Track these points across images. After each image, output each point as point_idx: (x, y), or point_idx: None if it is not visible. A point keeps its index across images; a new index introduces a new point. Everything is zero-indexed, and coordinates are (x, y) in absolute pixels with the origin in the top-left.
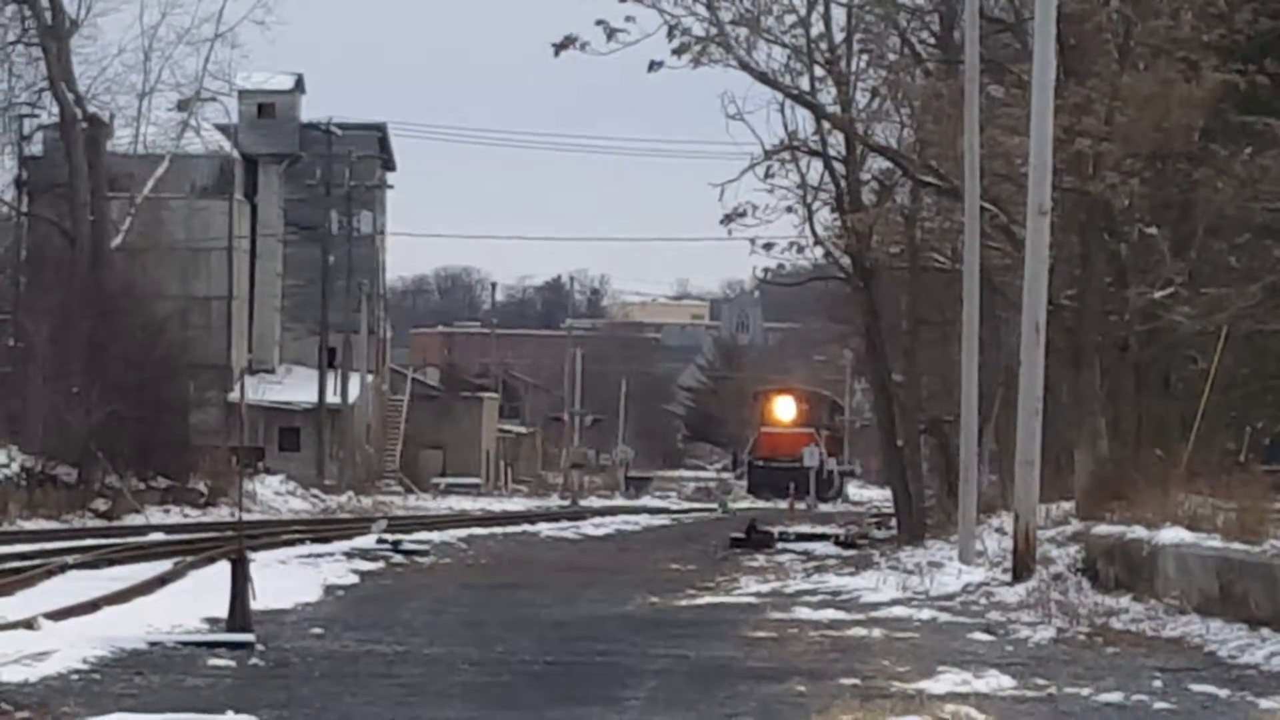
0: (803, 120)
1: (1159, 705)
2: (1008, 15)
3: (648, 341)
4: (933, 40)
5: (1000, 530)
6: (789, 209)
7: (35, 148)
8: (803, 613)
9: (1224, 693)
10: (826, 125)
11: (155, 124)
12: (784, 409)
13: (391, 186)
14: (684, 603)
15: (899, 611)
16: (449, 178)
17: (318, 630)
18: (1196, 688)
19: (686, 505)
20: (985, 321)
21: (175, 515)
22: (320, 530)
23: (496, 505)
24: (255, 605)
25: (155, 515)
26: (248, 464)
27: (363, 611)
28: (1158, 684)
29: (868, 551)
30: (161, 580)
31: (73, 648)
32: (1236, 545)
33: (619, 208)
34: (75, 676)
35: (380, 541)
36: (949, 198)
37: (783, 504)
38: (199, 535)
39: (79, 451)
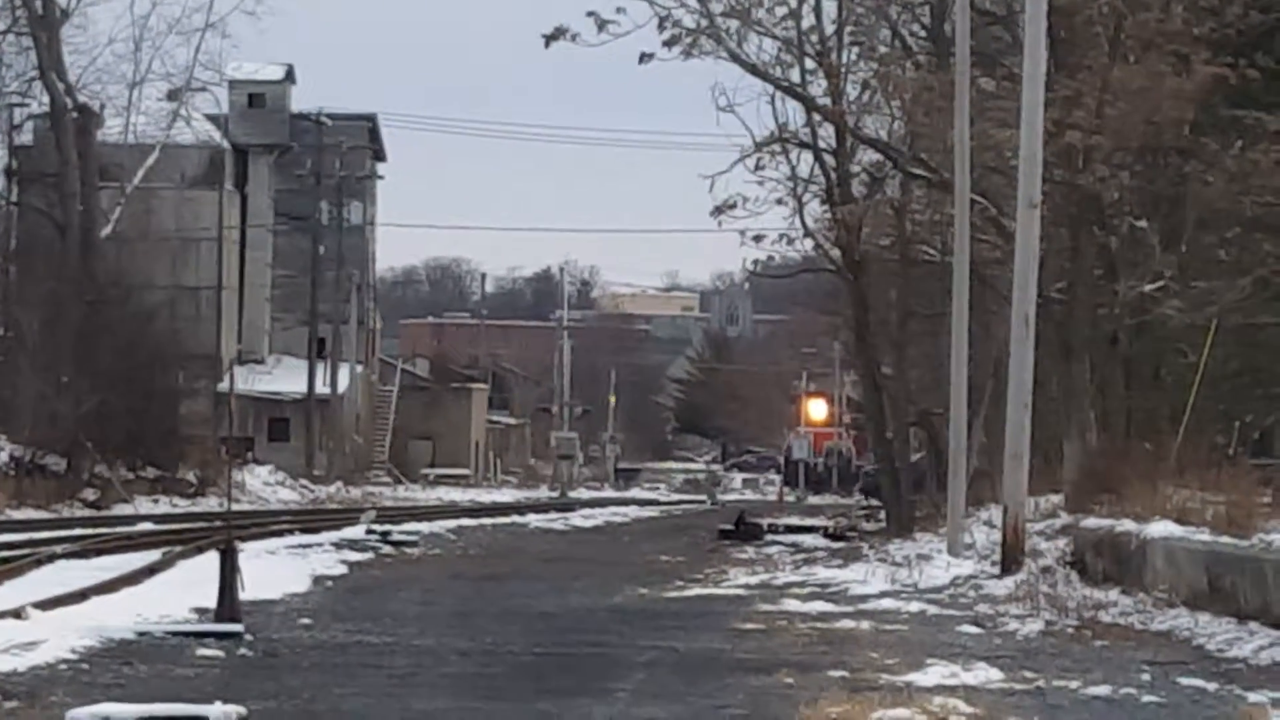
0: (793, 112)
1: (1147, 698)
2: (998, 8)
3: (637, 333)
4: (923, 33)
5: (989, 523)
6: (779, 201)
7: (25, 137)
8: (791, 605)
9: (1212, 686)
10: (817, 117)
11: (145, 114)
12: (816, 410)
13: (382, 177)
14: (673, 594)
15: (887, 604)
16: (439, 168)
17: (306, 621)
18: (1185, 681)
19: (676, 497)
20: (975, 314)
21: (164, 505)
22: (309, 521)
23: (486, 496)
24: (244, 595)
25: (144, 505)
26: (237, 454)
27: (351, 602)
28: (1146, 677)
29: (856, 544)
30: (150, 570)
31: (61, 637)
32: (1225, 539)
33: (609, 199)
34: (64, 666)
35: (369, 532)
36: (939, 190)
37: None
38: (188, 525)
39: (68, 441)
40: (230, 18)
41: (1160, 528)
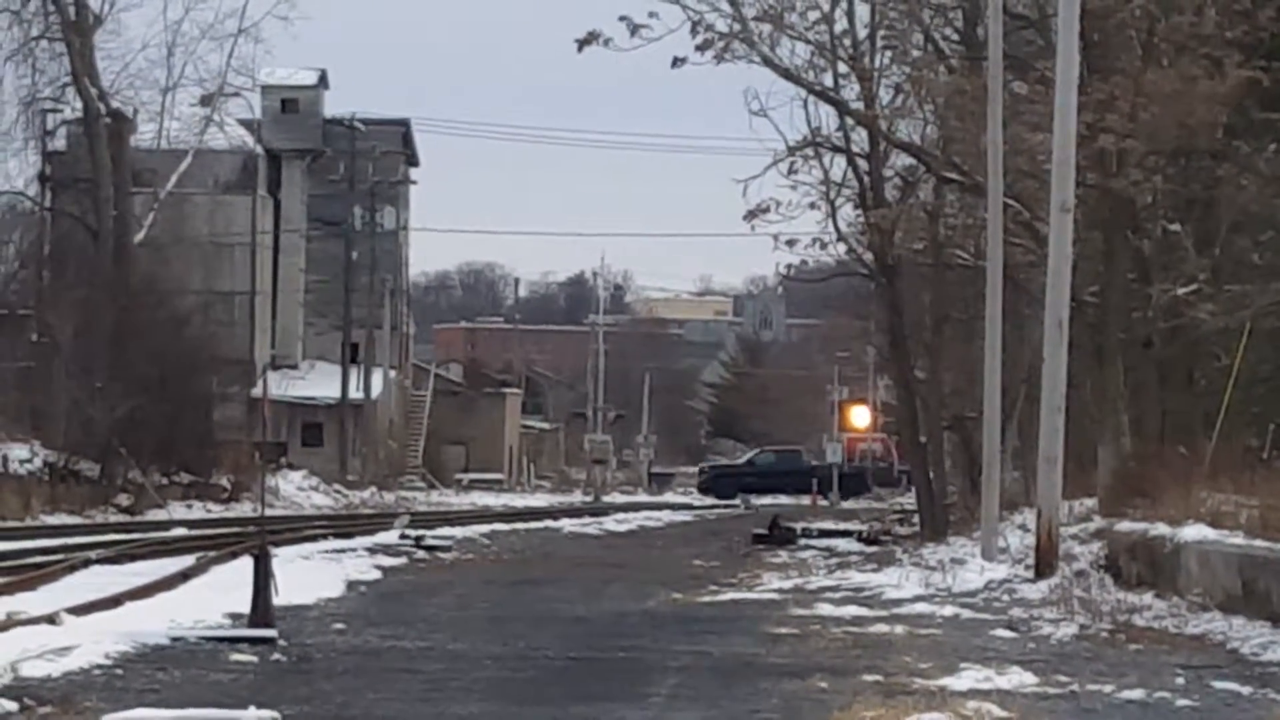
0: (826, 116)
1: (1181, 702)
2: (1031, 12)
3: (671, 337)
4: (956, 37)
5: (1023, 527)
6: (812, 205)
7: (59, 143)
8: (825, 609)
9: (1246, 690)
10: (850, 121)
11: (179, 119)
12: (859, 417)
13: (415, 182)
14: (706, 599)
15: (921, 608)
16: (472, 173)
17: (340, 626)
18: (1219, 685)
19: (709, 501)
20: (1008, 318)
21: (198, 510)
22: (343, 526)
23: (519, 501)
24: (278, 601)
25: (178, 510)
26: (270, 459)
27: (385, 607)
28: (1180, 681)
29: (890, 548)
30: (184, 575)
31: (95, 643)
32: (1259, 542)
33: (642, 203)
34: (97, 671)
35: (403, 537)
36: (972, 194)
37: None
38: (222, 530)
39: (102, 446)
40: (263, 23)
41: (1194, 531)
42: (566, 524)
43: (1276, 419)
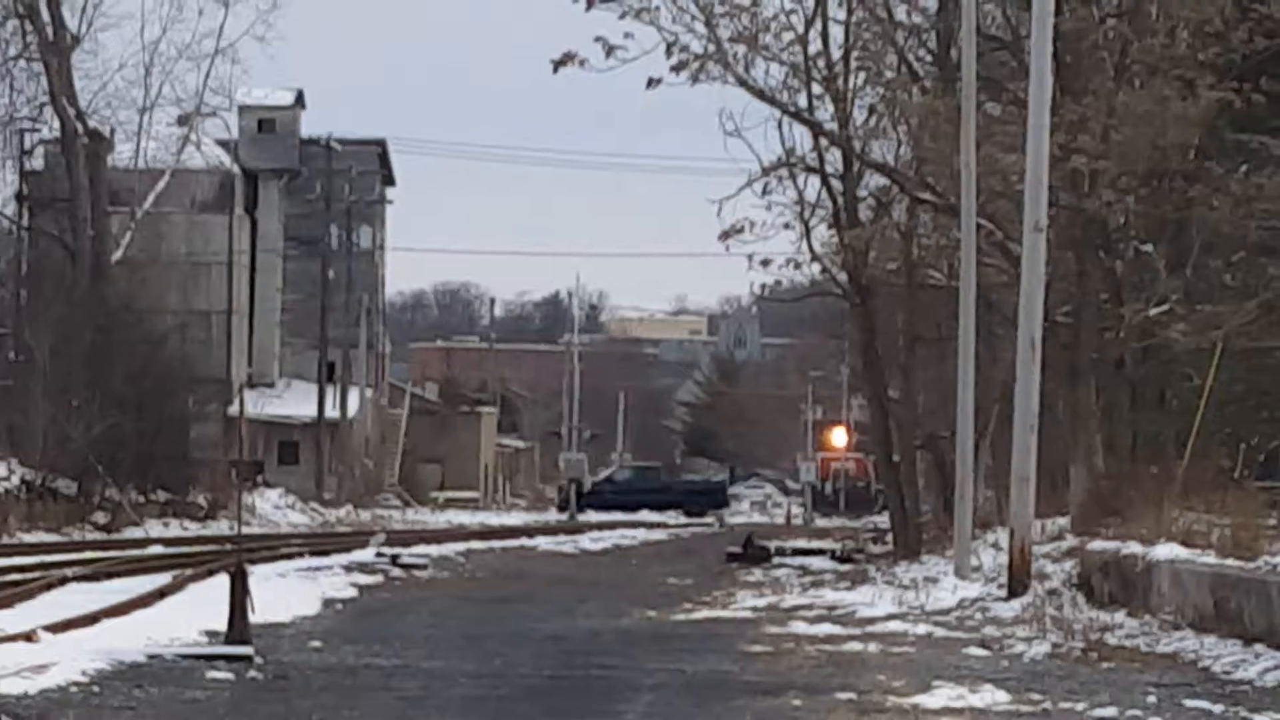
0: (800, 137)
1: None
2: (1004, 33)
3: (646, 357)
4: (930, 58)
5: (996, 546)
6: (786, 225)
7: (36, 162)
8: (799, 627)
9: (1218, 708)
10: (824, 142)
11: (156, 139)
12: (838, 438)
13: (391, 201)
14: (681, 617)
15: (895, 626)
16: (448, 193)
17: (316, 643)
18: (1190, 703)
19: (684, 520)
20: (982, 338)
21: (175, 528)
22: (319, 544)
23: (495, 519)
24: (254, 618)
25: (155, 528)
26: (247, 477)
27: (361, 625)
28: (1152, 699)
29: (864, 566)
30: (161, 593)
31: (72, 660)
32: (1231, 561)
33: (617, 223)
34: (74, 689)
35: (379, 555)
36: (946, 214)
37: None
38: (198, 548)
39: (79, 464)
40: (240, 43)
41: (1166, 550)
42: (542, 542)
43: (1248, 439)
